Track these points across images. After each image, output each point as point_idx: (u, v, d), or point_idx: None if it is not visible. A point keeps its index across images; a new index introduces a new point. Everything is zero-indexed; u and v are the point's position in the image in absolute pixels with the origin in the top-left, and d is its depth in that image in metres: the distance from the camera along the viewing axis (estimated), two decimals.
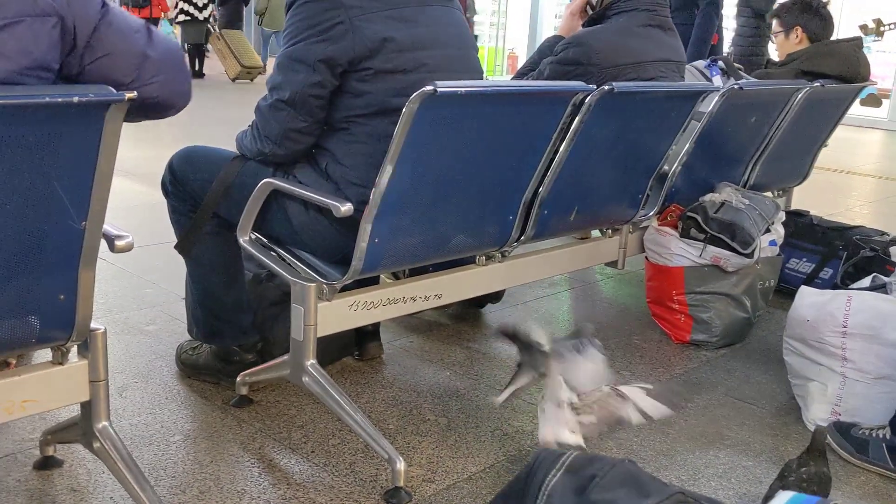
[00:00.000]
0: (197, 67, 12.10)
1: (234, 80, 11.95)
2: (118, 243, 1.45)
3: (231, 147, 2.17)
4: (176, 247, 2.21)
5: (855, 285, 2.49)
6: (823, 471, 1.71)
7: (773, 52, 4.19)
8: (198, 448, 1.97)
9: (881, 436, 2.04)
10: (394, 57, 1.87)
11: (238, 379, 2.15)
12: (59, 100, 1.17)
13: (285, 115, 1.92)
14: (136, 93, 1.22)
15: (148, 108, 1.46)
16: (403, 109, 1.69)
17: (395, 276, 2.53)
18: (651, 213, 2.85)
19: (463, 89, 1.76)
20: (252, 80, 12.04)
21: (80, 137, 1.26)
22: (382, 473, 1.90)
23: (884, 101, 10.67)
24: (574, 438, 1.59)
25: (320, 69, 1.85)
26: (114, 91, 1.21)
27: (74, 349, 1.56)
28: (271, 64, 2.58)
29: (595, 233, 2.91)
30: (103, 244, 1.45)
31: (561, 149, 2.21)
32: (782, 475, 1.71)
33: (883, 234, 3.23)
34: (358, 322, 2.11)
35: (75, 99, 1.18)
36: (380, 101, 1.88)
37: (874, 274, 2.51)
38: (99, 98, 1.21)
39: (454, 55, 2.01)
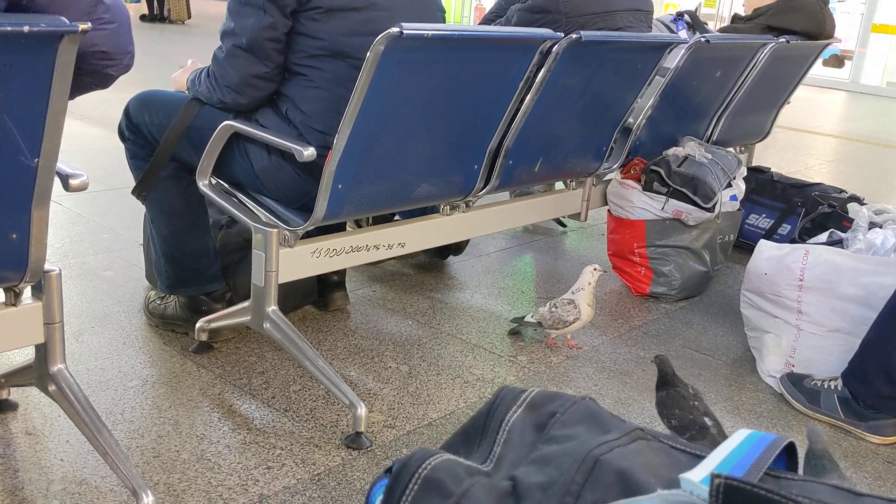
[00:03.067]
0: (156, 11, 11.79)
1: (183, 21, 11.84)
2: (73, 182, 1.41)
3: None
4: (133, 191, 2.16)
5: (812, 240, 2.53)
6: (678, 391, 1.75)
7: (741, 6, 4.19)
8: (156, 393, 1.95)
9: (833, 387, 2.09)
10: None
11: (198, 325, 2.13)
12: (9, 28, 1.12)
13: (243, 62, 1.87)
14: (90, 24, 1.18)
15: (92, 67, 1.40)
16: (368, 52, 1.66)
17: (359, 225, 2.52)
18: (615, 166, 2.86)
19: (430, 32, 1.73)
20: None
21: (32, 70, 1.21)
22: (343, 419, 1.91)
23: (846, 62, 10.77)
24: None
25: (270, 9, 1.81)
26: (66, 22, 1.17)
27: (28, 291, 1.52)
28: None
29: (559, 185, 2.91)
30: (57, 184, 1.41)
31: (527, 98, 2.20)
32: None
33: (841, 191, 3.28)
34: (320, 269, 2.09)
35: (25, 28, 1.13)
36: (333, 41, 1.85)
37: (831, 230, 2.56)
38: (51, 28, 1.16)
39: None
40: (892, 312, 1.98)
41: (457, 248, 2.95)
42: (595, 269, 2.33)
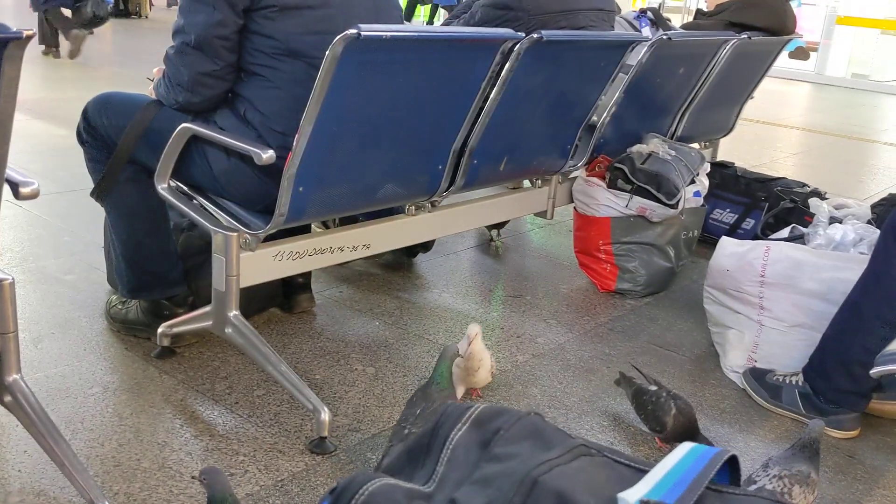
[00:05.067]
0: (121, 5, 11.63)
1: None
2: (23, 190, 1.38)
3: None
4: (91, 193, 2.13)
5: (774, 236, 2.56)
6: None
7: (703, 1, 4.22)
8: (117, 400, 1.93)
9: (794, 382, 2.12)
10: None
11: (160, 330, 2.10)
12: None
13: (192, 60, 1.86)
14: (35, 30, 1.15)
15: None
16: (327, 52, 1.65)
17: (325, 226, 2.50)
18: (580, 164, 2.87)
19: (388, 33, 1.72)
20: None
21: None
22: (307, 424, 1.90)
23: (811, 54, 10.89)
24: None
25: (220, 7, 1.80)
26: (10, 28, 1.14)
27: None
28: None
29: (525, 183, 2.92)
30: (7, 191, 1.38)
31: (490, 97, 2.19)
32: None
33: (804, 185, 3.32)
34: (283, 272, 2.07)
35: None
36: (289, 40, 1.83)
37: (793, 225, 2.58)
38: None
39: None
40: (851, 307, 2.01)
41: (425, 247, 2.94)
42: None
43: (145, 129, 2.01)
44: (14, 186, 1.38)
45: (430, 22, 11.62)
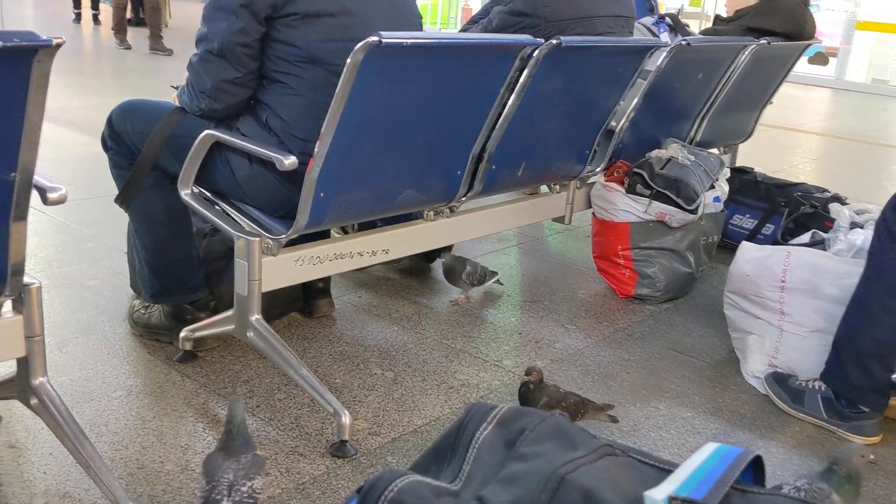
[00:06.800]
0: (141, 13, 11.72)
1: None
2: (51, 196, 1.40)
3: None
4: (116, 200, 2.16)
5: (794, 241, 2.55)
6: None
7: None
8: (140, 403, 1.95)
9: (817, 387, 2.11)
10: (316, 0, 1.83)
11: (182, 334, 2.12)
12: None
13: (215, 67, 1.88)
14: (63, 38, 1.17)
15: None
16: (348, 60, 1.66)
17: (345, 231, 2.52)
18: (598, 169, 2.87)
19: (409, 40, 1.73)
20: None
21: (7, 85, 1.21)
22: (328, 427, 1.91)
23: (831, 59, 10.82)
24: None
25: (243, 15, 1.82)
26: (40, 36, 1.16)
27: (8, 304, 1.52)
28: None
29: (543, 188, 2.92)
30: (36, 196, 1.41)
31: (509, 103, 2.20)
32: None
33: (824, 190, 3.30)
34: (304, 277, 2.09)
35: None
36: (310, 48, 1.85)
37: (813, 230, 2.57)
38: (25, 43, 1.16)
39: None
40: (856, 303, 2.02)
41: (443, 251, 2.95)
42: None
43: (169, 135, 2.03)
44: (42, 192, 1.40)
45: None
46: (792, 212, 3.15)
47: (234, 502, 1.37)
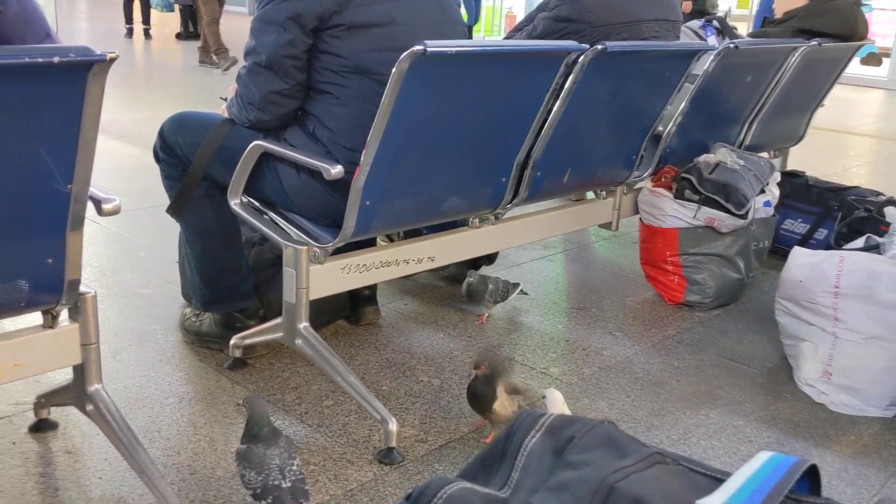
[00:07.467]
0: (190, 28, 11.95)
1: None
2: (105, 206, 1.44)
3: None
4: (168, 210, 2.20)
5: (848, 246, 2.49)
6: None
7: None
8: (192, 410, 1.98)
9: None
10: (363, 10, 1.85)
11: (232, 342, 2.15)
12: (40, 60, 1.15)
13: (263, 79, 1.91)
14: (117, 53, 1.20)
15: None
16: (393, 69, 1.68)
17: (390, 239, 2.53)
18: (645, 175, 2.84)
19: (453, 49, 1.74)
20: None
21: (63, 99, 1.24)
22: (375, 434, 1.92)
23: (884, 59, 10.57)
24: None
25: (290, 27, 1.84)
26: (95, 51, 1.20)
27: (65, 312, 1.56)
28: None
29: (589, 194, 2.90)
30: (91, 207, 1.44)
31: (554, 109, 2.20)
32: None
33: (878, 194, 3.23)
34: (351, 285, 2.11)
35: (56, 59, 1.16)
36: (356, 58, 1.87)
37: (868, 234, 2.51)
38: (80, 58, 1.19)
39: (426, 6, 1.97)
40: None
41: (489, 259, 2.95)
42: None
43: (219, 146, 2.07)
44: (97, 203, 1.44)
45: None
46: (845, 216, 3.08)
47: (291, 482, 1.49)
